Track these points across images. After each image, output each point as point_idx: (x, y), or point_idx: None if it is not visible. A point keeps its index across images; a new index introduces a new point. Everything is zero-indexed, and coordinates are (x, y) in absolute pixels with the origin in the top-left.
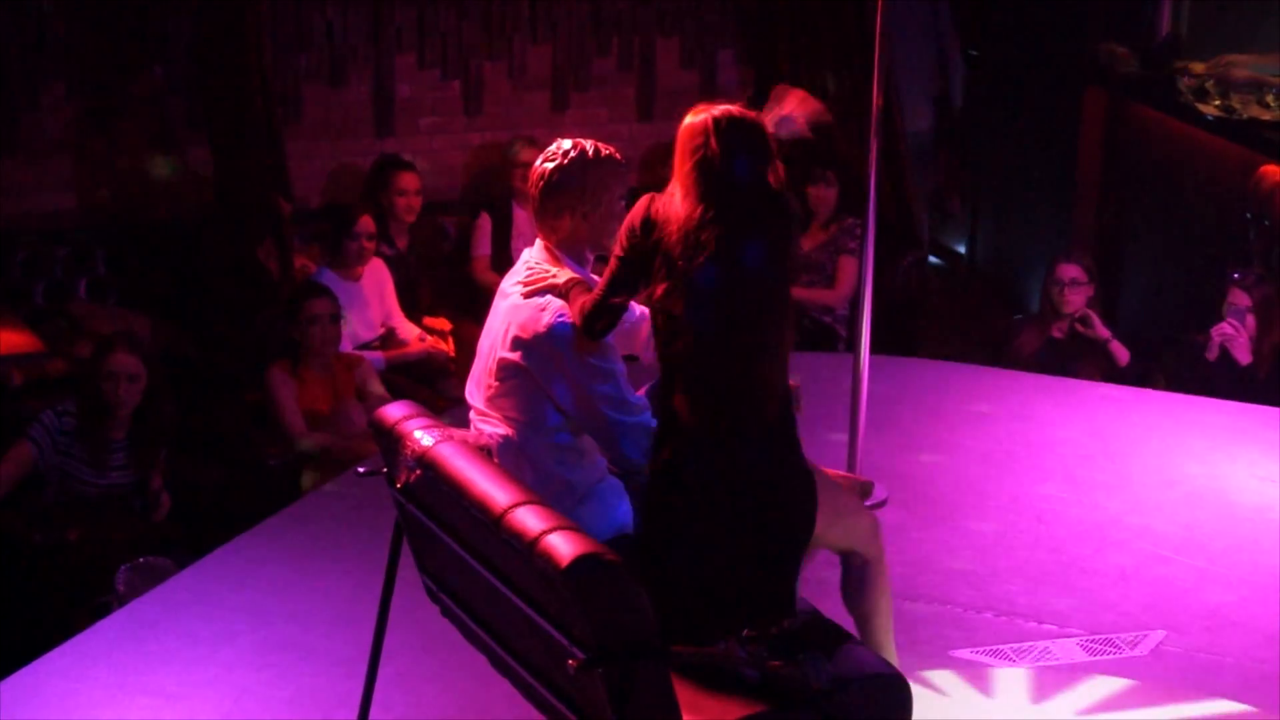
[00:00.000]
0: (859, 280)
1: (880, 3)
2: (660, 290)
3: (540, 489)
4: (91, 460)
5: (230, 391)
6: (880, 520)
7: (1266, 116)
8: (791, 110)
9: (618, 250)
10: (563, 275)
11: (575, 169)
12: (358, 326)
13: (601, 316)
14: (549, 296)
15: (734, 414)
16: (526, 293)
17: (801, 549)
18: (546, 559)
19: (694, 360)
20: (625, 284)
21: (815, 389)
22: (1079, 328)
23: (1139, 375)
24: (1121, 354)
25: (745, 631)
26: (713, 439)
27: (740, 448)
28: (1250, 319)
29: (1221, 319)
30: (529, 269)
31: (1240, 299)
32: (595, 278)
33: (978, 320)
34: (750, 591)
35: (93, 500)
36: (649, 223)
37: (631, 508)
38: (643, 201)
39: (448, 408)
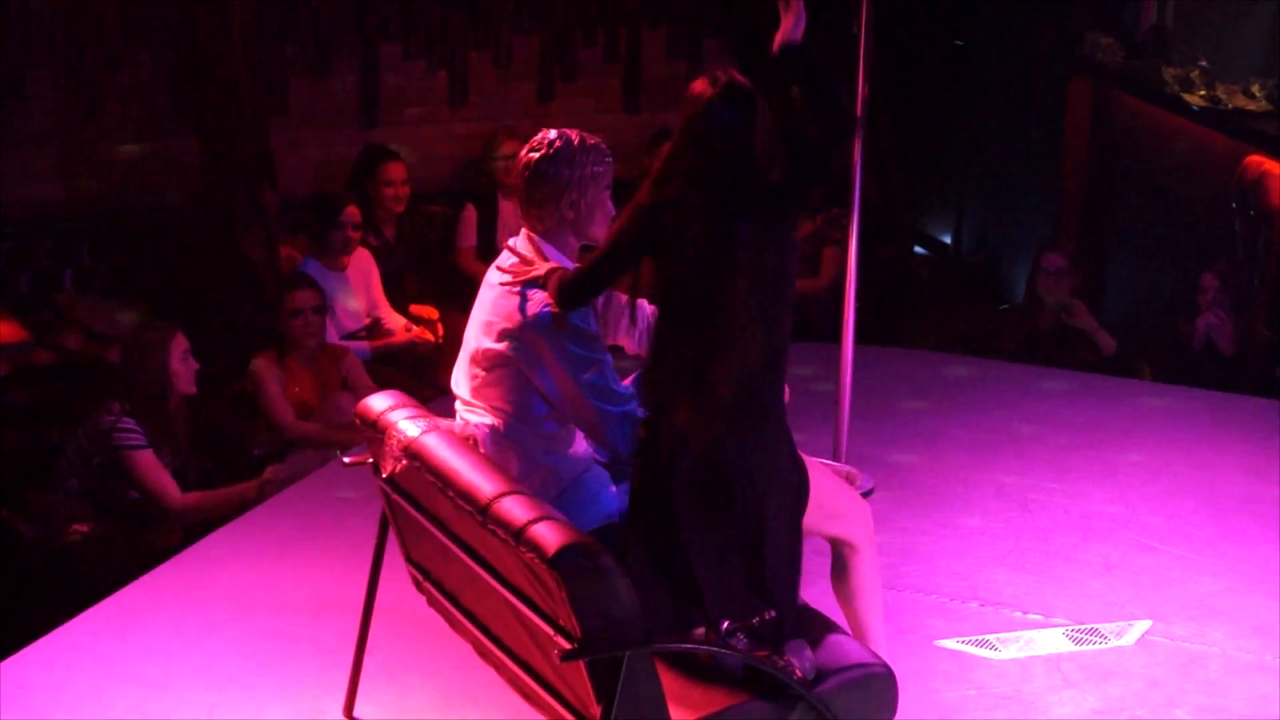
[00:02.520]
0: (843, 270)
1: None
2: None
3: (526, 478)
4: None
5: (216, 382)
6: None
7: (1252, 107)
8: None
9: (619, 226)
10: (543, 267)
11: (561, 159)
12: (343, 317)
13: (584, 287)
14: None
15: (691, 401)
16: (509, 285)
17: (784, 540)
18: (532, 549)
19: (652, 347)
20: (619, 261)
21: (800, 379)
22: (1064, 317)
23: (1124, 365)
24: (1107, 344)
25: (725, 624)
26: (675, 426)
27: (704, 438)
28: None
29: (1198, 307)
30: (512, 260)
31: (1210, 282)
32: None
33: (963, 310)
34: (732, 582)
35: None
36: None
37: (618, 497)
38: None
39: (434, 398)
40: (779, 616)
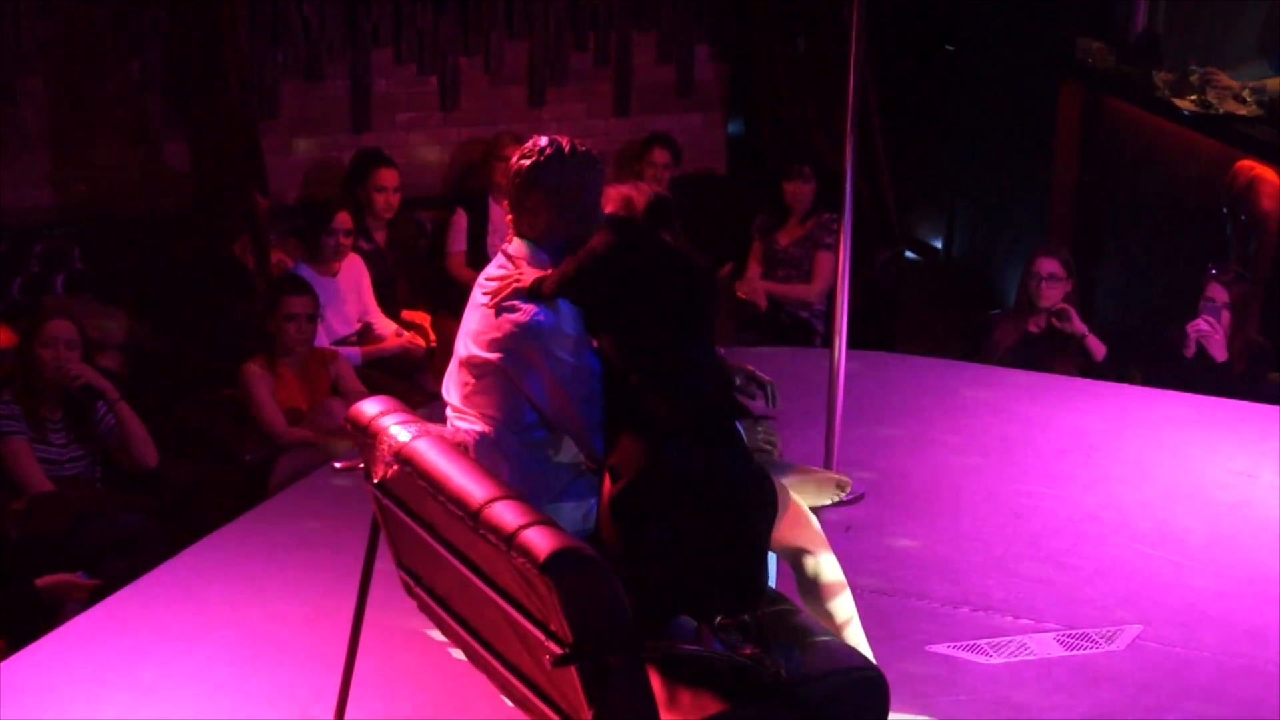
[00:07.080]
0: (835, 275)
1: (857, 4)
2: None
3: (516, 485)
4: (38, 438)
5: (206, 387)
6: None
7: (1243, 111)
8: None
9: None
10: (530, 275)
11: (552, 166)
12: (334, 322)
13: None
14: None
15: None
16: (495, 302)
17: (762, 539)
18: (523, 554)
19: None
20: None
21: (792, 384)
22: (1056, 322)
23: (1115, 370)
24: (1098, 349)
25: (719, 620)
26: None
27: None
28: (1225, 314)
29: (1198, 314)
30: (502, 267)
31: (1218, 294)
32: None
33: (954, 315)
34: (720, 581)
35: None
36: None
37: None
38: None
39: (424, 403)
40: (769, 615)
